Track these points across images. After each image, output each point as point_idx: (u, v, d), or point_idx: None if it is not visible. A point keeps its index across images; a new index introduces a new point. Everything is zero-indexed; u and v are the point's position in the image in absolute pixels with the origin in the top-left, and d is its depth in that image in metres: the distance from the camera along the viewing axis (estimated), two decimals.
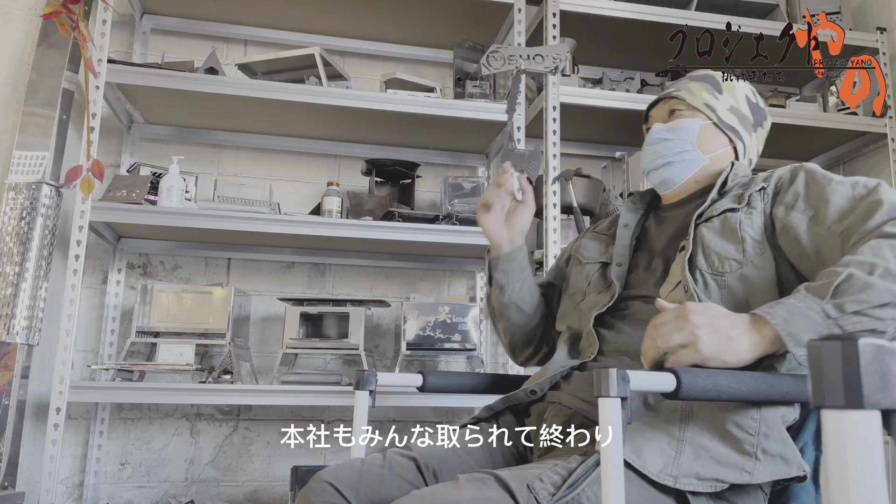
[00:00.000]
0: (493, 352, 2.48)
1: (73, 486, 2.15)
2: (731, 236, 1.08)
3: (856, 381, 0.50)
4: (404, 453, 1.11)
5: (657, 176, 1.26)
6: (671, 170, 1.24)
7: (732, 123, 1.25)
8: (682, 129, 1.24)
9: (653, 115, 1.32)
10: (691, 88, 1.27)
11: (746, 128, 1.27)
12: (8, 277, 1.91)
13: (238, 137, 2.43)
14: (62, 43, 2.13)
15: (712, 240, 1.09)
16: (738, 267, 1.06)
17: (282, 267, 2.41)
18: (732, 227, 1.09)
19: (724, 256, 1.07)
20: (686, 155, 1.23)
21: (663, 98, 1.30)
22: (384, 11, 2.37)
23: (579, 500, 0.87)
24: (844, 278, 0.88)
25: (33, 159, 2.02)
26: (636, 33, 2.41)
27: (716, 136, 1.24)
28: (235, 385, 1.96)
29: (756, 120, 1.28)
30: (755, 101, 1.30)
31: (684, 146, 1.23)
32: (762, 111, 1.30)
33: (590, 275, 1.27)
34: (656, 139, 1.26)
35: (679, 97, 1.26)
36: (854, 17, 2.66)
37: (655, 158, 1.25)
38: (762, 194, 1.12)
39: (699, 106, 1.24)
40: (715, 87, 1.27)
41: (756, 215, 1.09)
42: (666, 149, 1.24)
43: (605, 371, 0.81)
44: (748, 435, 0.95)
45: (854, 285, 0.87)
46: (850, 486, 0.50)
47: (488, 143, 2.48)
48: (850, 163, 2.67)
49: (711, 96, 1.26)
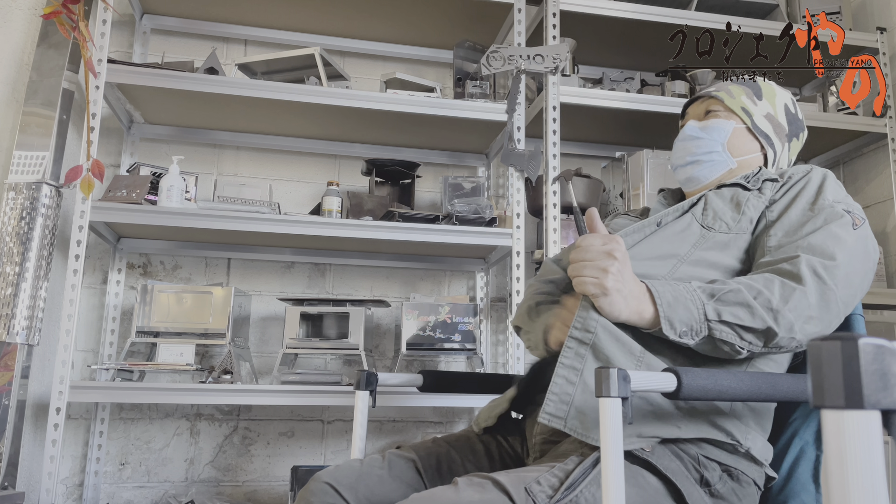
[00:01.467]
0: (493, 352, 2.49)
1: (73, 486, 2.15)
2: (735, 206, 1.13)
3: (856, 381, 0.50)
4: (403, 455, 1.11)
5: (684, 173, 1.27)
6: (698, 168, 1.25)
7: (766, 130, 1.25)
8: (714, 129, 1.25)
9: (689, 113, 1.33)
10: (731, 91, 1.28)
11: (780, 136, 1.26)
12: (8, 277, 1.91)
13: (238, 137, 2.43)
14: (62, 43, 2.13)
15: (715, 201, 1.14)
16: (726, 229, 1.11)
17: (282, 267, 2.41)
18: (739, 199, 1.13)
19: (718, 215, 1.12)
20: (715, 156, 1.24)
21: (702, 96, 1.31)
22: (384, 11, 2.37)
23: (577, 501, 0.87)
24: (733, 290, 0.96)
25: (33, 159, 2.02)
26: (636, 33, 2.41)
27: (748, 140, 1.25)
28: (235, 385, 1.96)
29: (792, 130, 1.28)
30: (794, 111, 1.30)
31: (714, 146, 1.24)
32: (800, 122, 1.30)
33: None
34: (688, 136, 1.27)
35: (718, 97, 1.27)
36: (854, 17, 2.66)
37: (684, 155, 1.26)
38: (773, 185, 1.15)
39: (736, 109, 1.25)
40: (755, 93, 1.27)
41: (762, 200, 1.13)
42: (696, 146, 1.25)
43: (606, 371, 0.81)
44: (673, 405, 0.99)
45: (737, 299, 0.95)
46: (850, 486, 0.50)
47: (488, 143, 2.48)
48: (850, 163, 2.67)
49: (750, 101, 1.26)
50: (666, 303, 0.95)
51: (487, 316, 2.48)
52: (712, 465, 0.99)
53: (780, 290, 0.97)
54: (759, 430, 1.05)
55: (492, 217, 2.15)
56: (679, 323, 0.95)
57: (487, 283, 2.52)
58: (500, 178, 2.63)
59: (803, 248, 1.02)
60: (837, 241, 1.02)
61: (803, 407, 1.12)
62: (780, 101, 1.28)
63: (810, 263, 0.98)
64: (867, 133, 2.46)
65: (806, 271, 0.98)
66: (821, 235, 1.02)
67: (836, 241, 1.01)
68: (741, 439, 1.00)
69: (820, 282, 0.97)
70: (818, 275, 0.98)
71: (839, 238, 1.02)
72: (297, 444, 2.31)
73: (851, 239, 1.03)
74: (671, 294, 0.96)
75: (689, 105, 1.34)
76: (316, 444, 2.32)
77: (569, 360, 0.99)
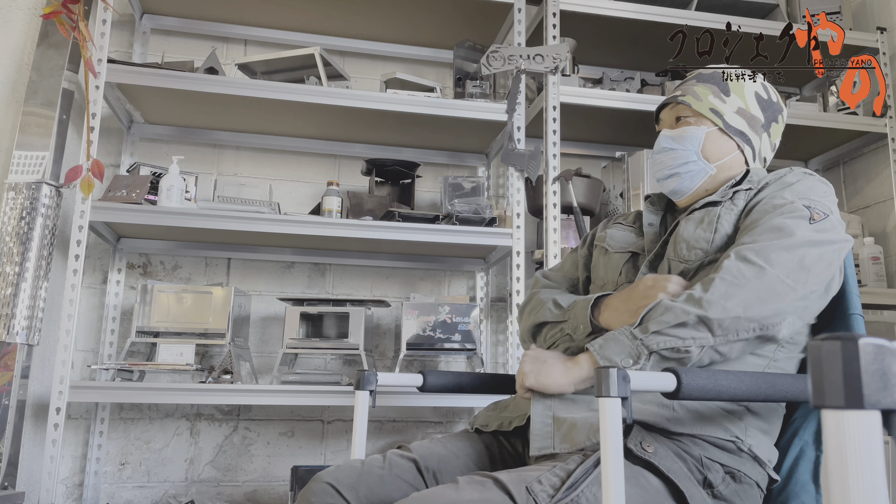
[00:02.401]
0: (493, 352, 2.49)
1: (73, 486, 2.15)
2: (707, 226, 1.11)
3: (856, 381, 0.50)
4: (404, 454, 1.11)
5: (667, 186, 1.25)
6: (679, 181, 1.23)
7: (740, 127, 1.22)
8: (686, 138, 1.22)
9: (662, 118, 1.30)
10: (697, 93, 1.24)
11: (756, 129, 1.23)
12: (8, 277, 1.91)
13: (238, 137, 2.43)
14: (62, 43, 2.13)
15: (686, 229, 1.13)
16: (702, 256, 1.10)
17: (282, 267, 2.41)
18: (710, 218, 1.12)
19: (692, 245, 1.11)
20: (692, 166, 1.21)
21: (670, 102, 1.27)
22: (384, 11, 2.37)
23: (578, 501, 0.87)
24: (653, 306, 1.00)
25: (33, 159, 2.02)
26: (636, 33, 2.41)
27: (723, 142, 1.22)
28: (235, 385, 1.96)
29: (768, 117, 1.24)
30: (767, 96, 1.25)
31: (689, 157, 1.21)
32: (775, 105, 1.26)
33: (619, 265, 1.25)
34: (662, 148, 1.25)
35: (685, 103, 1.23)
36: (854, 17, 2.66)
37: (663, 169, 1.24)
38: (747, 193, 1.13)
39: (705, 112, 1.22)
40: (722, 90, 1.23)
41: (735, 212, 1.12)
42: (672, 159, 1.23)
43: (606, 371, 0.81)
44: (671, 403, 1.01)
45: (657, 309, 0.99)
46: (850, 486, 0.50)
47: (488, 143, 2.48)
48: (850, 163, 2.67)
49: (718, 100, 1.22)
50: (598, 346, 1.01)
51: (487, 316, 2.48)
52: (715, 466, 0.99)
53: (701, 284, 0.99)
54: (763, 432, 1.05)
55: (492, 217, 2.15)
56: (617, 356, 0.99)
57: (487, 283, 2.52)
58: (500, 178, 2.63)
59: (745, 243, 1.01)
60: (779, 230, 1.00)
61: (803, 407, 1.12)
62: (749, 90, 1.24)
63: (739, 253, 0.99)
64: (867, 133, 2.46)
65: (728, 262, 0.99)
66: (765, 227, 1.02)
67: (777, 231, 1.00)
68: (741, 435, 1.00)
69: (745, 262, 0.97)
70: (743, 257, 0.98)
71: (782, 228, 1.00)
72: (297, 444, 2.31)
73: (802, 230, 1.00)
74: (601, 340, 1.02)
75: (661, 110, 1.31)
76: (316, 444, 2.32)
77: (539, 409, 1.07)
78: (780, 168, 1.19)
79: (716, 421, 1.00)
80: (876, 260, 2.39)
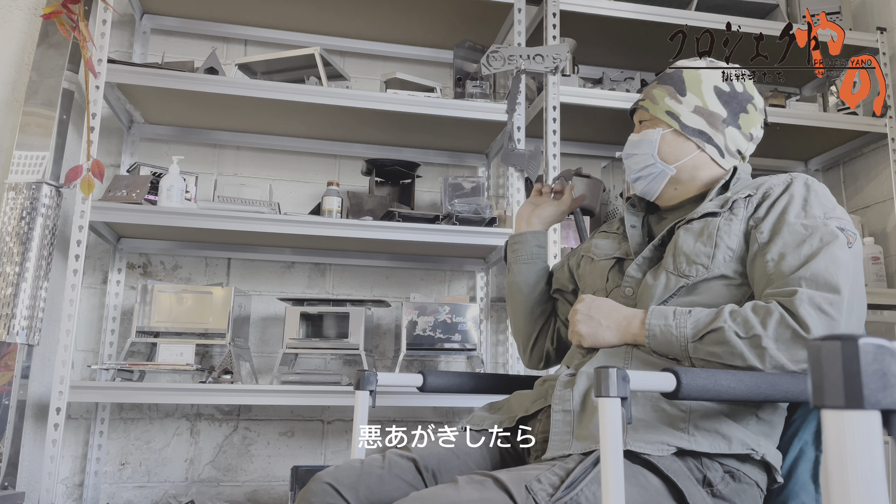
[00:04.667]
0: (493, 352, 2.49)
1: (73, 486, 2.15)
2: (707, 240, 1.09)
3: (856, 381, 0.50)
4: (404, 454, 1.11)
5: (637, 188, 1.28)
6: (644, 184, 1.26)
7: (698, 126, 1.20)
8: (644, 142, 1.23)
9: (634, 122, 1.32)
10: (655, 95, 1.24)
11: (716, 125, 1.20)
12: (8, 277, 1.91)
13: (238, 137, 2.43)
14: (62, 43, 2.13)
15: (686, 241, 1.11)
16: (704, 272, 1.08)
17: (282, 267, 2.41)
18: (710, 231, 1.10)
19: (692, 259, 1.09)
20: (651, 168, 1.23)
21: (636, 107, 1.30)
22: (384, 11, 2.37)
23: (577, 500, 0.87)
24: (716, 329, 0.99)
25: (33, 159, 2.02)
26: (636, 33, 2.41)
27: (679, 143, 1.21)
28: (235, 385, 1.96)
29: (733, 110, 1.21)
30: (729, 89, 1.22)
31: (647, 160, 1.23)
32: (741, 95, 1.22)
33: (605, 271, 1.25)
34: (626, 153, 1.28)
35: (643, 108, 1.26)
36: (854, 17, 2.65)
37: (630, 173, 1.28)
38: (747, 202, 1.11)
39: (660, 115, 1.22)
40: (678, 89, 1.22)
41: (736, 223, 1.10)
42: (634, 163, 1.25)
43: (606, 371, 0.81)
44: (681, 412, 1.00)
45: (719, 340, 0.99)
46: (850, 486, 0.50)
47: (488, 143, 2.48)
48: (849, 163, 2.67)
49: (674, 101, 1.21)
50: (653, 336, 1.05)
51: (487, 316, 2.48)
52: (715, 465, 0.99)
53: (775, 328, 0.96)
54: (768, 437, 1.05)
55: (492, 217, 2.15)
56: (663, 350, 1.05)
57: (487, 283, 2.52)
58: (500, 178, 2.63)
59: (806, 279, 0.99)
60: (837, 266, 0.99)
61: (803, 407, 1.12)
62: (707, 86, 1.21)
63: (813, 301, 0.96)
64: (867, 133, 2.46)
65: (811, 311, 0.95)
66: (821, 262, 0.99)
67: (836, 268, 0.99)
68: (755, 447, 1.00)
69: (827, 318, 0.95)
70: (824, 311, 0.96)
71: (839, 263, 0.99)
72: (297, 444, 2.31)
73: (849, 260, 1.00)
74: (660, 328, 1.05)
75: (632, 114, 1.33)
76: (316, 444, 2.32)
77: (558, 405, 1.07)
78: (775, 166, 1.19)
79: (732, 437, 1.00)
80: (876, 260, 2.39)
